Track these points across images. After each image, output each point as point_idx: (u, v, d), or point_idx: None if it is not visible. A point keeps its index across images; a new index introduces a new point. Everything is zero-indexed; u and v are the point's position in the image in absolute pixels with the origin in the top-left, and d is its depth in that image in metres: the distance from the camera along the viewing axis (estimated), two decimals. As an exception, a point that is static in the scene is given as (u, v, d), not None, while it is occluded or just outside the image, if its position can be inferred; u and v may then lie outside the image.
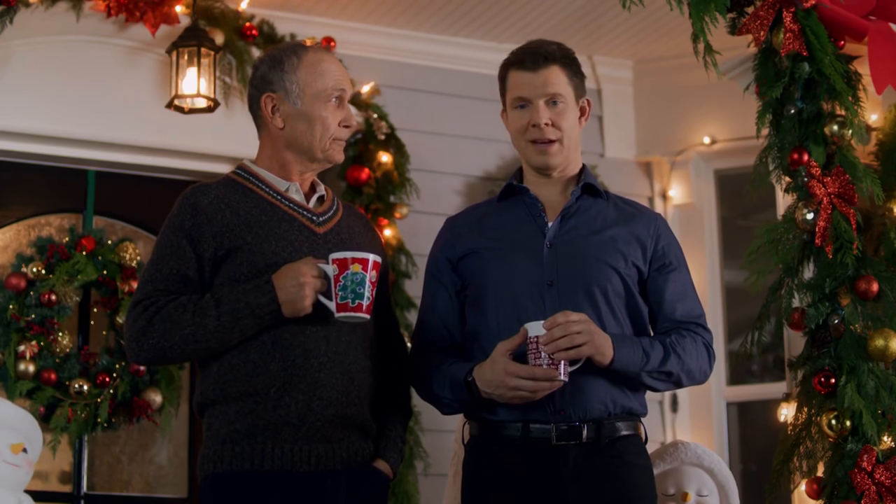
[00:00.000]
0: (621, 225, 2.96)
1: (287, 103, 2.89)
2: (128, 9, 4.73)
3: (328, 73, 2.90)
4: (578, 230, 2.94)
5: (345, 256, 2.72)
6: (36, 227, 4.92)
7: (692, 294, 2.99)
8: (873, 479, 2.97)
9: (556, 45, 2.99)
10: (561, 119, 2.94)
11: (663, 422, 5.47)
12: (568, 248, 2.91)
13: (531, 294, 2.87)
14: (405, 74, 5.38)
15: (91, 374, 4.59)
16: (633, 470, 2.85)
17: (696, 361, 2.90)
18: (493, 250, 2.95)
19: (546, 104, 2.93)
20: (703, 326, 2.97)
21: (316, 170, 2.96)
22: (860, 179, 3.14)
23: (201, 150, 4.98)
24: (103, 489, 4.92)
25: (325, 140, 2.89)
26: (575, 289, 2.87)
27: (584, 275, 2.88)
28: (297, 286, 2.72)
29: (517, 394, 2.76)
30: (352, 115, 2.95)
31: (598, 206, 3.00)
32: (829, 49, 3.17)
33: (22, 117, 4.71)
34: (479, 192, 5.29)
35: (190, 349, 2.77)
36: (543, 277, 2.88)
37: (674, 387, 2.94)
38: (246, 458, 2.74)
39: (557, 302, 2.84)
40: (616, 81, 5.72)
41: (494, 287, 2.91)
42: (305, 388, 2.75)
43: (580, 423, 2.81)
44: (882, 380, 3.05)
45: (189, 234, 2.82)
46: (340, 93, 2.91)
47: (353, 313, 2.72)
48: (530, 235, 2.94)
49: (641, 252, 2.94)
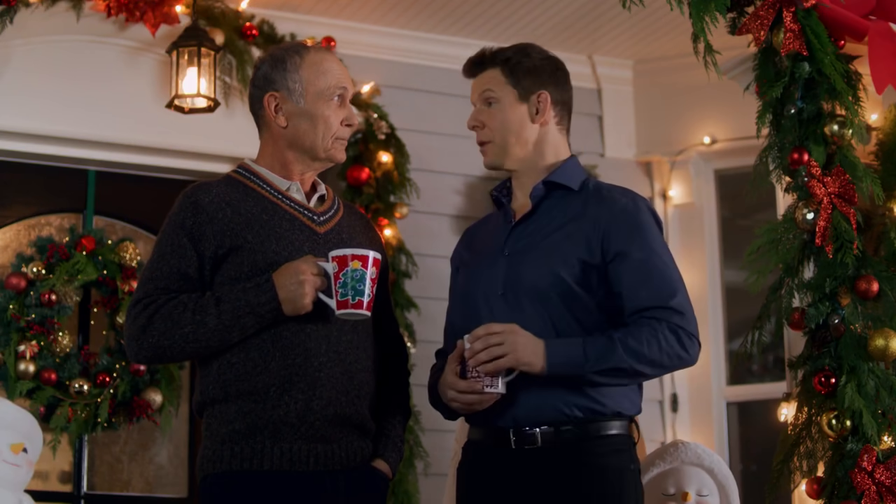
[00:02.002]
0: (576, 221, 2.87)
1: (290, 102, 2.89)
2: (128, 9, 4.73)
3: (330, 72, 2.91)
4: (530, 236, 2.90)
5: (344, 254, 2.72)
6: (36, 227, 4.92)
7: (659, 277, 2.81)
8: (873, 479, 2.97)
9: (500, 49, 2.97)
10: (488, 117, 2.94)
11: (663, 422, 5.47)
12: (518, 256, 2.89)
13: (486, 304, 2.88)
14: (405, 74, 5.38)
15: (91, 374, 4.59)
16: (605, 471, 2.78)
17: (658, 349, 2.74)
18: (468, 265, 2.99)
19: (483, 106, 2.95)
20: (672, 309, 2.78)
21: (318, 169, 2.96)
22: (860, 179, 3.14)
23: (201, 150, 4.98)
24: (103, 489, 4.93)
25: (327, 139, 2.89)
26: (521, 297, 2.84)
27: (529, 282, 2.84)
28: (297, 284, 2.72)
29: (458, 406, 2.79)
30: (354, 115, 2.95)
31: (564, 203, 2.92)
32: (829, 49, 3.17)
33: (22, 117, 4.71)
34: (479, 192, 5.29)
35: (190, 348, 2.77)
36: (497, 288, 2.88)
37: (641, 379, 2.81)
38: (245, 458, 2.74)
39: (506, 311, 2.83)
40: (616, 81, 5.72)
41: (460, 299, 2.96)
42: (305, 387, 2.75)
43: (533, 427, 2.78)
44: (882, 380, 3.05)
45: (190, 233, 2.82)
46: (342, 91, 2.91)
47: (354, 310, 2.72)
48: (497, 246, 2.94)
49: (586, 247, 2.83)
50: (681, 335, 2.78)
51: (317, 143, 2.89)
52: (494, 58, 2.96)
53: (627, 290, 2.80)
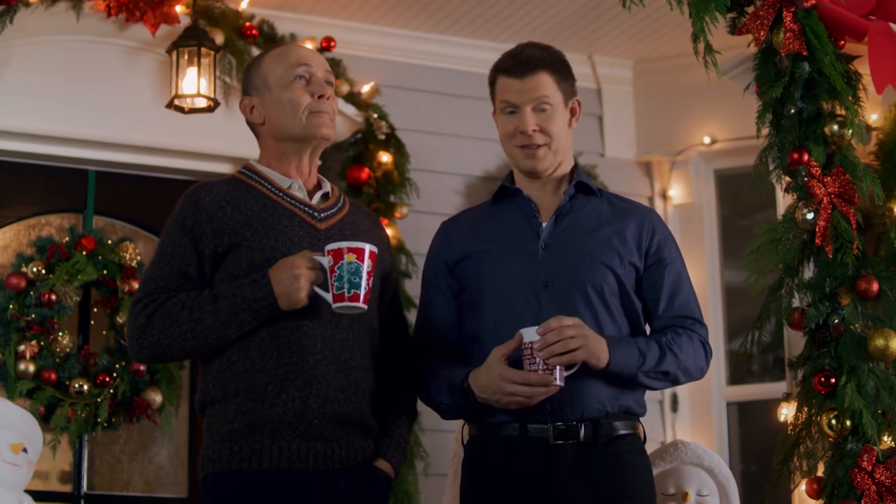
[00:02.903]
0: (616, 222, 2.97)
1: (260, 98, 2.93)
2: (128, 9, 4.73)
3: (287, 55, 2.93)
4: (573, 230, 2.94)
5: (340, 247, 2.71)
6: (36, 227, 4.92)
7: (688, 289, 3.00)
8: (873, 479, 2.97)
9: (544, 50, 3.00)
10: (548, 124, 2.96)
11: (663, 421, 5.47)
12: (563, 249, 2.91)
13: (527, 296, 2.87)
14: (405, 74, 5.39)
15: (91, 374, 4.59)
16: (631, 469, 2.86)
17: (692, 359, 2.91)
18: (489, 253, 2.95)
19: (533, 110, 2.95)
20: (699, 322, 2.98)
21: (313, 153, 2.95)
22: (860, 179, 3.13)
23: (201, 150, 4.98)
24: (103, 489, 4.93)
25: (299, 116, 2.89)
26: (571, 289, 2.87)
27: (580, 275, 2.88)
28: (292, 278, 2.71)
29: (513, 399, 2.76)
30: (325, 86, 2.92)
31: (593, 204, 3.00)
32: (829, 49, 3.17)
33: (22, 117, 4.71)
34: (479, 192, 5.29)
35: (189, 346, 2.78)
36: (539, 279, 2.88)
37: (671, 385, 2.95)
38: (244, 457, 2.74)
39: (553, 303, 2.85)
40: (616, 81, 5.72)
41: (490, 290, 2.92)
42: (302, 385, 2.75)
43: (577, 423, 2.81)
44: (882, 380, 3.05)
45: (190, 232, 2.83)
46: (304, 69, 2.91)
47: (350, 303, 2.70)
48: (525, 237, 2.94)
49: (637, 249, 2.95)
50: (706, 349, 2.97)
51: (291, 123, 2.90)
52: (544, 61, 2.97)
53: (665, 296, 2.95)
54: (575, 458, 2.80)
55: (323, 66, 2.95)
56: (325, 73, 2.94)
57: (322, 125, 2.91)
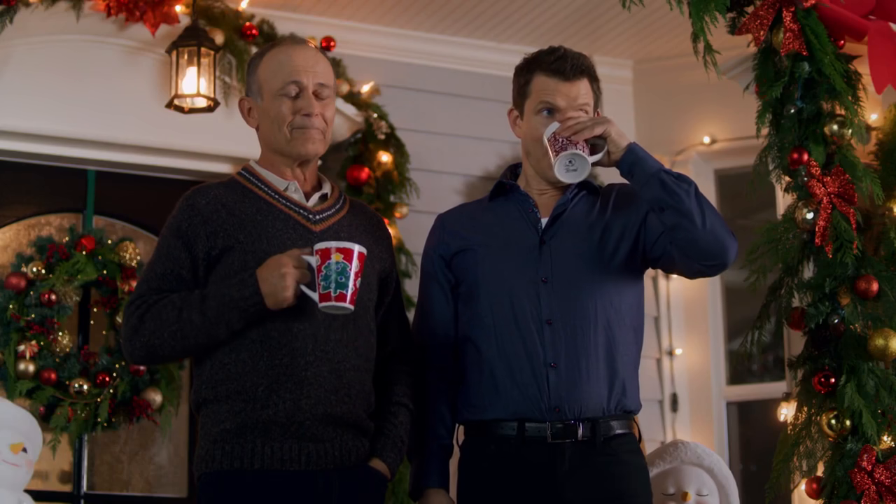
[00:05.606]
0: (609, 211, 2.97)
1: (255, 103, 2.93)
2: (128, 8, 4.73)
3: (282, 67, 2.89)
4: (572, 226, 2.95)
5: (327, 246, 2.69)
6: (36, 227, 4.93)
7: None
8: (873, 479, 2.97)
9: (584, 56, 2.99)
10: None
11: (663, 421, 5.47)
12: (562, 245, 2.91)
13: (527, 290, 2.88)
14: (405, 74, 5.39)
15: (91, 374, 4.59)
16: (628, 468, 2.86)
17: (715, 214, 2.86)
18: (487, 247, 2.95)
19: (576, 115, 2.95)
20: None
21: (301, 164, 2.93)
22: (860, 179, 3.13)
23: (201, 150, 4.98)
24: (103, 489, 4.93)
25: (283, 133, 2.88)
26: (570, 285, 2.88)
27: (580, 272, 2.89)
28: (279, 277, 2.70)
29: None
30: (312, 102, 2.88)
31: (591, 201, 3.01)
32: (829, 49, 3.17)
33: (22, 117, 4.71)
34: (479, 191, 5.28)
35: (179, 346, 2.77)
36: (538, 274, 2.88)
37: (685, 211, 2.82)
38: (236, 457, 2.74)
39: (553, 298, 2.86)
40: (616, 81, 5.71)
41: (488, 284, 2.92)
42: (293, 386, 2.74)
43: (576, 422, 2.81)
44: (882, 379, 3.05)
45: (185, 235, 2.83)
46: (294, 86, 2.87)
47: (336, 303, 2.68)
48: (523, 232, 2.95)
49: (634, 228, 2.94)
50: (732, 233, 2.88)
51: (277, 139, 2.89)
52: (588, 68, 2.97)
53: None
54: (573, 456, 2.80)
55: (317, 77, 2.89)
56: (317, 86, 2.89)
57: (307, 141, 2.88)
